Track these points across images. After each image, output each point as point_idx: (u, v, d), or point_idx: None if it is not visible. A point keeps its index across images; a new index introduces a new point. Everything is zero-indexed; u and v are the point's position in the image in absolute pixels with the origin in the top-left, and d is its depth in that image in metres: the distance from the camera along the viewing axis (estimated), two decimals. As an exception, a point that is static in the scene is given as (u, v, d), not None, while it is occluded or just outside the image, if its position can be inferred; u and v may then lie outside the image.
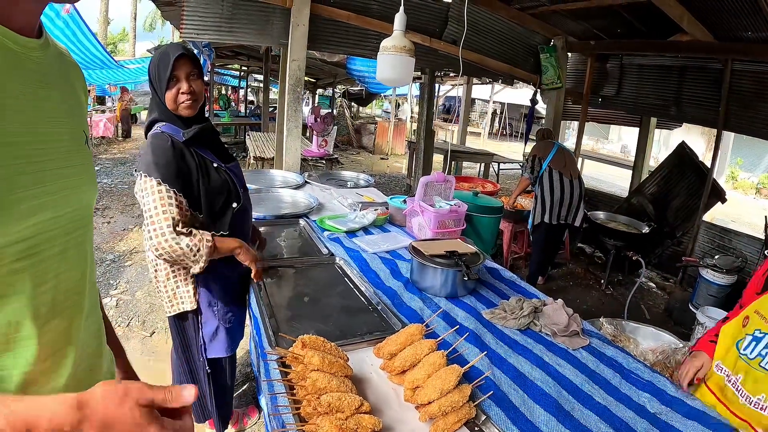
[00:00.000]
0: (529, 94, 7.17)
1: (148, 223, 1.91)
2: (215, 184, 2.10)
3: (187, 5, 4.27)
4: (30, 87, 0.76)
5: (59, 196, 0.81)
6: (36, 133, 0.76)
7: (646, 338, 2.87)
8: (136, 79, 16.96)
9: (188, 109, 2.07)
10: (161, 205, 1.90)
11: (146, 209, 1.92)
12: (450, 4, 5.33)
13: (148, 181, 1.93)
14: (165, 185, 1.92)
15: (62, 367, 0.87)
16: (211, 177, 2.10)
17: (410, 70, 2.75)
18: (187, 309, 2.20)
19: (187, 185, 2.00)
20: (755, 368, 1.67)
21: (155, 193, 1.91)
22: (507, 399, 1.49)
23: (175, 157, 1.97)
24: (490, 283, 2.44)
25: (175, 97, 2.04)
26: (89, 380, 0.93)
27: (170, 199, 1.93)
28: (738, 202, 14.26)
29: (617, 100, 6.72)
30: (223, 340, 2.30)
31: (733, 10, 4.38)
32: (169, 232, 1.89)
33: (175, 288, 2.19)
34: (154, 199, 1.91)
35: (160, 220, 1.89)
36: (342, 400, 1.23)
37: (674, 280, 5.81)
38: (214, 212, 2.12)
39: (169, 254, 1.91)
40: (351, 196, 3.74)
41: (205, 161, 2.11)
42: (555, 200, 4.80)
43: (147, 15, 36.84)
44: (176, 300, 2.20)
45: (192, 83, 2.05)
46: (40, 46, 0.80)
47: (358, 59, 9.62)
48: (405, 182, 10.64)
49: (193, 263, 1.96)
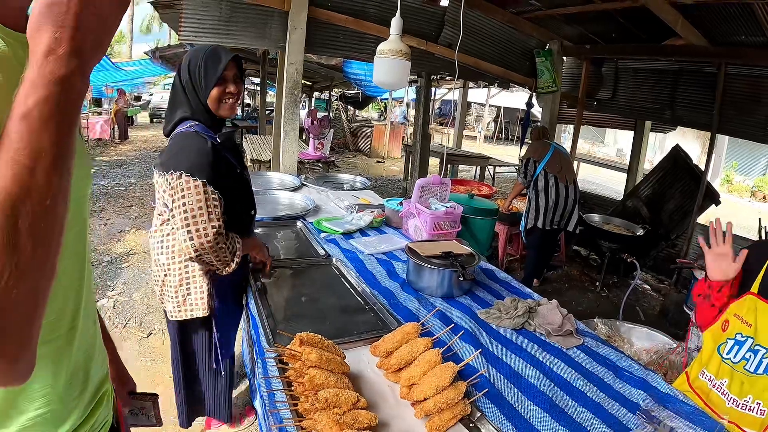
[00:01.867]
0: (525, 98, 7.22)
1: (188, 224, 1.90)
2: (241, 190, 2.18)
3: (185, 8, 4.29)
4: (18, 78, 0.77)
5: None
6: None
7: (641, 339, 2.89)
8: (132, 82, 16.97)
9: (230, 110, 2.12)
10: (206, 207, 1.92)
11: (186, 209, 1.91)
12: (446, 8, 5.36)
13: (191, 182, 1.91)
14: (210, 187, 1.94)
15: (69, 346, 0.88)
16: (238, 182, 2.16)
17: (406, 73, 2.78)
18: (198, 316, 2.19)
19: (222, 187, 2.02)
20: (740, 372, 1.68)
21: (201, 194, 1.91)
22: (502, 396, 1.51)
23: (213, 158, 1.99)
24: (485, 283, 2.47)
25: (220, 97, 2.06)
26: (87, 366, 0.95)
27: (215, 201, 1.95)
28: (733, 204, 14.32)
29: (612, 104, 6.76)
30: (231, 341, 2.39)
31: (727, 14, 4.43)
32: (213, 233, 1.92)
33: (186, 294, 2.17)
34: (199, 200, 1.91)
35: (205, 221, 1.91)
36: (339, 396, 1.25)
37: (669, 282, 5.85)
38: (236, 216, 2.16)
39: (209, 256, 1.94)
40: (348, 198, 3.76)
41: (232, 166, 2.15)
42: (549, 205, 4.80)
43: (144, 17, 36.87)
44: (185, 306, 2.18)
45: (238, 85, 2.10)
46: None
47: (354, 62, 9.64)
48: (401, 185, 10.66)
49: (226, 265, 2.01)
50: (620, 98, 6.64)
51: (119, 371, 1.30)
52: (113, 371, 1.26)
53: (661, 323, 4.84)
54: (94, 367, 0.98)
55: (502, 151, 20.07)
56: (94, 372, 0.98)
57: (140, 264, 5.15)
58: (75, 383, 0.90)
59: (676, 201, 6.24)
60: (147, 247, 5.43)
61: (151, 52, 13.02)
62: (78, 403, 0.92)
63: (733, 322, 1.76)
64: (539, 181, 4.85)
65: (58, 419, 0.87)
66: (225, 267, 2.02)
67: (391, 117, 17.98)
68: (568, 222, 4.96)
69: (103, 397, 1.02)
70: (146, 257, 5.30)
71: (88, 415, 0.95)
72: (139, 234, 6.17)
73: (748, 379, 1.65)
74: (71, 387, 0.89)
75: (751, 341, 1.68)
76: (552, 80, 6.21)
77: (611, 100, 6.73)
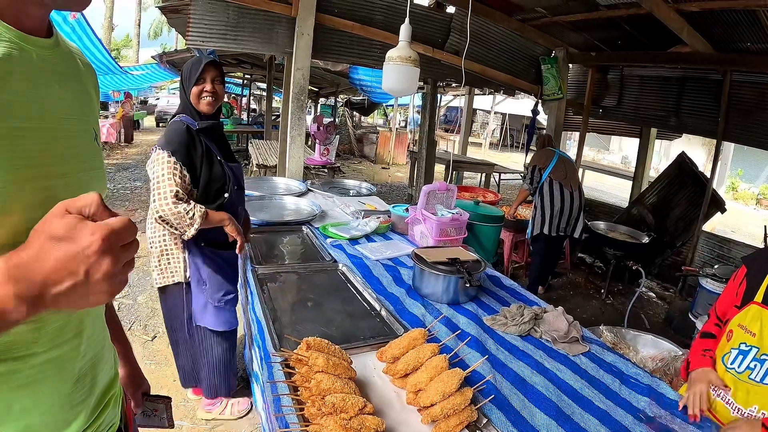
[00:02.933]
0: (531, 105, 7.21)
1: (154, 189, 2.24)
2: (215, 172, 2.43)
3: (193, 13, 4.31)
4: (39, 84, 0.77)
5: (67, 191, 0.81)
6: (44, 129, 0.77)
7: (646, 346, 2.89)
8: (140, 86, 17.02)
9: (208, 106, 2.43)
10: (167, 175, 2.24)
11: (154, 177, 2.26)
12: (452, 15, 5.38)
13: (160, 154, 2.27)
14: (173, 158, 2.27)
15: (75, 352, 0.89)
16: (213, 165, 2.43)
17: (415, 80, 2.80)
18: (176, 281, 2.55)
19: (191, 164, 2.35)
20: (745, 381, 1.66)
21: (164, 164, 2.25)
22: (508, 403, 1.52)
23: (187, 138, 2.33)
24: (491, 290, 2.47)
25: (199, 93, 2.40)
26: (94, 371, 0.95)
27: (176, 170, 2.27)
28: (738, 212, 14.30)
29: (618, 111, 6.76)
30: (213, 314, 2.61)
31: (732, 21, 4.43)
32: (171, 197, 2.21)
33: (167, 263, 2.54)
34: (162, 168, 2.25)
35: (165, 186, 2.22)
36: (346, 401, 1.26)
37: (674, 290, 5.82)
38: (208, 194, 2.43)
39: (168, 216, 2.22)
40: (353, 204, 3.77)
41: (210, 151, 2.43)
42: (555, 211, 4.81)
43: (152, 22, 37.01)
44: (167, 273, 2.55)
45: (215, 86, 2.43)
46: (50, 45, 0.82)
47: (361, 69, 9.65)
48: (406, 191, 10.67)
49: (187, 227, 2.26)
50: (626, 105, 6.63)
51: (133, 372, 1.30)
52: (127, 371, 1.27)
53: (666, 331, 4.83)
54: (102, 372, 0.99)
55: (508, 158, 20.08)
56: (101, 376, 0.98)
57: (145, 267, 5.16)
58: (81, 388, 0.91)
59: (682, 208, 6.23)
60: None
61: (159, 56, 13.05)
62: (83, 408, 0.92)
63: (737, 332, 1.75)
64: (545, 188, 4.86)
65: (62, 423, 0.87)
66: (185, 229, 2.27)
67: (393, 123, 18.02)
68: (573, 228, 4.96)
69: (110, 400, 1.02)
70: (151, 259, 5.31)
71: (94, 419, 0.95)
72: (144, 237, 6.17)
73: (754, 388, 1.64)
74: (76, 392, 0.89)
75: (755, 351, 1.67)
76: (557, 87, 6.21)
77: (617, 108, 6.73)
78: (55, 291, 0.61)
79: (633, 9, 4.60)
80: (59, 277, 0.61)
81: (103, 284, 0.63)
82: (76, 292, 0.62)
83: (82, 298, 0.63)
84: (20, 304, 0.59)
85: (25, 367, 0.78)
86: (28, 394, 0.79)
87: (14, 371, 0.76)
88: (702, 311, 4.47)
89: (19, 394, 0.78)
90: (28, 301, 0.60)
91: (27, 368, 0.78)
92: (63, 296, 0.61)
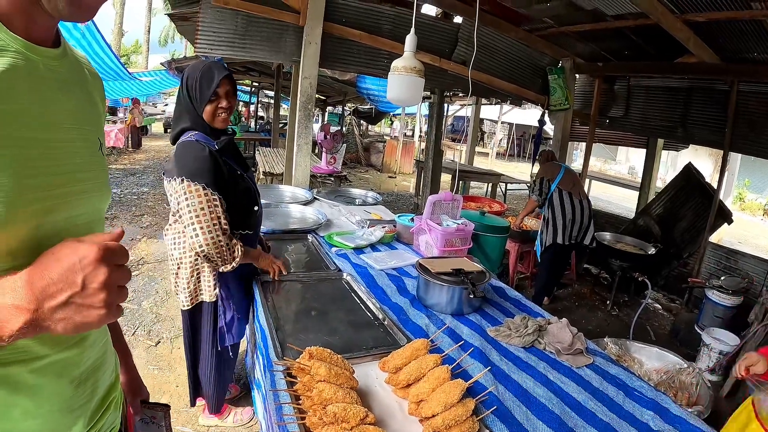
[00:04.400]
0: (537, 115, 7.21)
1: (193, 224, 2.13)
2: (241, 189, 2.34)
3: (202, 21, 4.35)
4: (45, 94, 0.79)
5: (70, 200, 0.84)
6: (49, 139, 0.79)
7: (651, 358, 2.87)
8: (148, 92, 17.14)
9: (223, 123, 2.33)
10: (208, 208, 2.14)
11: (189, 210, 2.13)
12: (460, 25, 5.40)
13: (192, 186, 2.12)
14: (210, 189, 2.15)
15: (78, 357, 0.90)
16: (238, 183, 2.33)
17: (420, 90, 2.80)
18: (205, 300, 2.43)
19: (223, 190, 2.22)
20: None
21: (202, 197, 2.13)
22: (510, 414, 1.51)
23: (214, 164, 2.19)
24: (495, 301, 2.47)
25: (215, 112, 2.27)
26: (95, 376, 0.96)
27: (215, 202, 2.17)
28: (745, 223, 14.21)
29: (625, 122, 6.74)
30: (237, 327, 2.53)
31: (739, 31, 4.42)
32: (215, 231, 2.14)
33: (197, 283, 2.41)
34: (200, 201, 2.13)
35: (208, 220, 2.13)
36: (347, 411, 1.26)
37: (680, 302, 5.79)
38: (242, 214, 2.36)
39: (211, 251, 2.15)
40: (359, 213, 3.77)
41: (233, 169, 2.32)
42: (567, 221, 4.81)
43: (162, 29, 37.28)
44: (197, 293, 2.43)
45: (230, 100, 2.31)
46: (57, 56, 0.83)
47: (368, 78, 9.68)
48: (412, 201, 10.67)
49: (226, 263, 2.22)
50: (632, 116, 6.62)
51: (133, 379, 1.31)
52: (127, 379, 1.27)
53: (672, 343, 4.80)
54: (104, 376, 0.99)
55: (514, 168, 20.07)
56: (102, 380, 0.99)
57: (150, 273, 5.18)
58: (81, 393, 0.91)
59: (689, 219, 6.20)
60: (158, 256, 5.49)
61: (167, 63, 13.14)
62: (84, 411, 0.92)
63: None
64: (554, 198, 4.87)
65: (62, 428, 0.88)
66: (225, 264, 2.23)
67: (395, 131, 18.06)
68: (584, 236, 4.96)
69: (111, 404, 1.03)
70: (157, 266, 5.34)
71: (93, 423, 0.96)
72: (150, 243, 6.22)
73: None
74: (77, 397, 0.90)
75: None
76: (564, 98, 6.21)
77: (623, 118, 6.71)
78: (53, 303, 0.62)
79: (640, 19, 4.60)
80: (57, 288, 0.62)
81: (99, 295, 0.65)
82: (73, 304, 0.63)
83: (78, 314, 0.65)
84: (17, 315, 0.61)
85: (27, 372, 0.78)
86: (29, 398, 0.80)
87: (15, 375, 0.77)
88: (708, 323, 4.45)
89: (19, 399, 0.78)
90: (25, 312, 0.61)
91: (28, 372, 0.79)
92: (60, 310, 0.63)
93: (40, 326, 0.63)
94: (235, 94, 2.37)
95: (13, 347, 0.67)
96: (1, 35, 0.71)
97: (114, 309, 0.68)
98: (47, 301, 0.62)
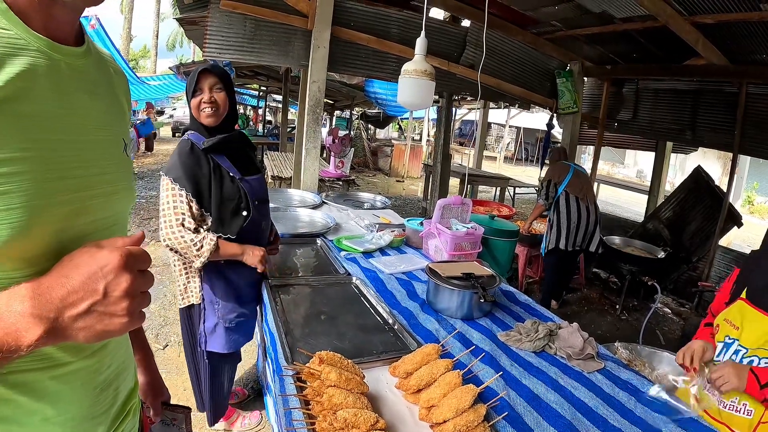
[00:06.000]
0: (545, 119, 7.20)
1: (161, 217, 2.20)
2: (227, 191, 2.30)
3: (210, 25, 4.37)
4: (69, 95, 0.77)
5: (96, 202, 0.82)
6: (74, 141, 0.77)
7: (662, 363, 2.85)
8: (157, 96, 17.23)
9: (209, 118, 2.28)
10: (172, 202, 2.18)
11: (161, 204, 2.21)
12: (468, 29, 5.40)
13: (164, 179, 2.21)
14: (177, 185, 2.18)
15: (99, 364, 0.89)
16: (224, 184, 2.30)
17: (431, 93, 2.78)
18: (193, 302, 2.44)
19: (198, 187, 2.23)
20: None
21: (168, 191, 2.19)
22: (521, 420, 1.50)
23: (191, 160, 2.22)
24: (505, 305, 2.45)
25: (198, 106, 2.26)
26: (117, 382, 0.95)
27: (180, 197, 2.19)
28: (754, 226, 14.06)
29: (633, 125, 6.72)
30: (222, 336, 2.46)
31: (748, 33, 4.40)
32: (176, 225, 2.17)
33: (186, 283, 2.44)
34: (167, 195, 2.19)
35: (170, 214, 2.18)
36: (358, 416, 1.25)
37: (690, 306, 5.74)
38: (222, 216, 2.31)
39: (174, 246, 2.18)
40: (368, 217, 3.76)
41: (220, 169, 2.30)
42: (571, 226, 4.78)
43: (170, 34, 37.52)
44: (186, 294, 2.45)
45: (214, 95, 2.26)
46: (81, 54, 0.81)
47: (376, 82, 9.69)
48: (420, 205, 10.66)
49: (195, 258, 2.20)
50: (641, 119, 6.60)
51: (154, 381, 1.30)
52: (149, 380, 1.27)
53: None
54: (125, 382, 0.99)
55: (522, 171, 20.04)
56: (124, 386, 0.99)
57: (158, 276, 5.20)
58: (103, 400, 0.90)
59: (698, 223, 6.17)
60: (165, 260, 5.50)
61: (176, 67, 13.22)
62: (105, 419, 0.92)
63: (722, 327, 1.89)
64: (560, 202, 4.84)
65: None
66: (193, 260, 2.22)
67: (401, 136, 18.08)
68: (589, 243, 4.92)
69: (130, 411, 1.03)
70: (164, 269, 5.35)
71: (114, 429, 0.96)
72: (159, 246, 6.23)
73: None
74: (98, 404, 0.89)
75: (736, 343, 1.78)
76: (573, 101, 6.20)
77: (632, 121, 6.69)
78: (73, 312, 0.61)
79: (648, 22, 4.59)
80: (78, 297, 0.61)
81: (122, 303, 0.64)
82: (95, 313, 0.62)
83: (99, 322, 0.64)
84: (36, 324, 0.59)
85: (48, 379, 0.77)
86: (50, 405, 0.79)
87: (37, 382, 0.76)
88: (719, 328, 4.40)
89: (40, 406, 0.77)
90: (44, 322, 0.60)
91: (50, 380, 0.78)
92: (81, 319, 0.62)
93: (60, 335, 0.62)
94: (225, 89, 2.30)
95: (34, 354, 0.66)
96: (21, 33, 0.67)
97: (137, 315, 0.67)
98: (67, 310, 0.61)
